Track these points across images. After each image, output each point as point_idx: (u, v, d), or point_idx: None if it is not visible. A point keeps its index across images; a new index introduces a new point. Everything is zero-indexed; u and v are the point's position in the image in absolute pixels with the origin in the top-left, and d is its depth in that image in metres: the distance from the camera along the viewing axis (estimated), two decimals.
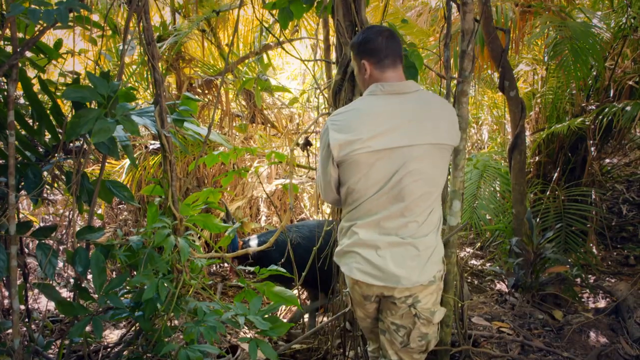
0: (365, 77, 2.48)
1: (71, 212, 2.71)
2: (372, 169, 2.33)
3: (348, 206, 2.49)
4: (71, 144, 2.81)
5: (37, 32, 2.53)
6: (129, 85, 5.53)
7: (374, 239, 2.38)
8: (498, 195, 6.19)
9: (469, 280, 5.45)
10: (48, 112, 2.72)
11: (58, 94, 2.99)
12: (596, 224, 5.99)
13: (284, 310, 4.95)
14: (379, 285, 2.39)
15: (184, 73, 6.43)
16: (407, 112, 2.35)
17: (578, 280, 5.05)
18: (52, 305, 4.22)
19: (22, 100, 3.04)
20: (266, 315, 2.65)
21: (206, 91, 6.44)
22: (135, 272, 2.69)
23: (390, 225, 2.37)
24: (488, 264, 5.99)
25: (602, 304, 4.77)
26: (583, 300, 4.87)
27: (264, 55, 6.34)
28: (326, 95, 3.32)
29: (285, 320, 2.77)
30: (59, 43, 2.93)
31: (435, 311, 2.50)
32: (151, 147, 6.12)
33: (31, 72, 2.90)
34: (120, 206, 7.13)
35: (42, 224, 6.15)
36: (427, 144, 2.34)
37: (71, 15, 2.47)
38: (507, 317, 4.27)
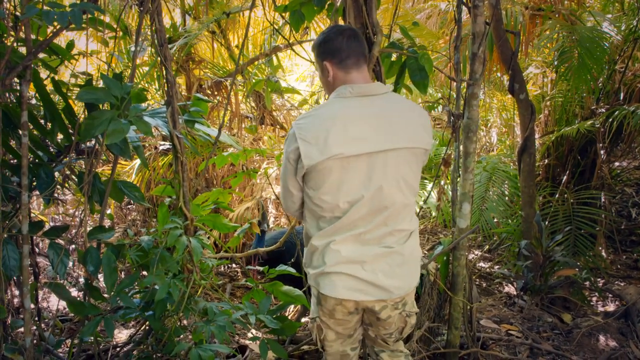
0: (328, 80, 2.33)
1: (82, 212, 2.72)
2: (347, 177, 2.17)
3: (318, 222, 2.29)
4: (83, 145, 2.83)
5: (51, 34, 2.55)
6: (140, 86, 5.57)
7: (359, 253, 2.23)
8: (507, 198, 6.17)
9: (477, 283, 5.45)
10: (60, 112, 2.74)
11: (70, 94, 3.02)
12: (605, 227, 5.96)
13: (292, 311, 4.96)
14: (371, 300, 2.28)
15: (193, 74, 6.45)
16: (379, 116, 2.21)
17: (587, 283, 5.03)
18: (62, 304, 4.24)
19: (34, 101, 3.07)
20: (275, 315, 2.67)
21: (216, 92, 6.46)
22: (144, 272, 2.71)
23: (373, 236, 2.24)
24: (497, 267, 5.98)
25: (611, 307, 4.75)
26: (592, 303, 4.86)
27: (274, 57, 6.35)
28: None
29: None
30: (71, 44, 2.95)
31: (413, 301, 2.48)
32: (161, 148, 6.15)
33: (43, 73, 2.92)
34: (129, 206, 7.16)
35: (51, 224, 6.19)
36: (403, 147, 2.21)
37: (84, 17, 2.49)
38: (515, 320, 4.26)
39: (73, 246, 3.07)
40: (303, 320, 4.50)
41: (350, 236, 2.23)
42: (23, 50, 2.54)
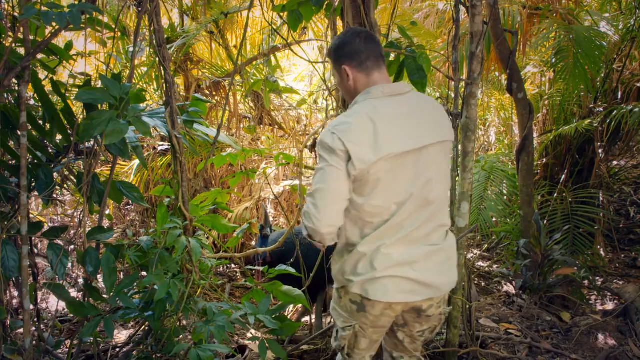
0: (349, 84, 2.29)
1: (82, 213, 2.73)
2: (396, 178, 2.13)
3: (363, 229, 2.20)
4: (82, 145, 2.84)
5: (49, 35, 2.55)
6: (139, 87, 5.56)
7: (408, 254, 2.18)
8: (505, 197, 6.18)
9: (476, 282, 5.45)
10: (59, 113, 2.74)
11: (69, 95, 3.02)
12: (604, 226, 5.97)
13: (291, 310, 4.97)
14: (422, 300, 2.24)
15: (192, 75, 6.46)
16: (411, 114, 2.20)
17: (586, 282, 5.04)
18: (61, 305, 4.24)
19: (32, 102, 3.07)
20: (275, 315, 2.67)
21: (214, 93, 6.47)
22: (144, 272, 2.71)
23: (420, 234, 2.21)
24: (495, 266, 5.99)
25: (610, 306, 4.76)
26: (591, 302, 4.87)
27: (272, 57, 6.35)
28: (334, 97, 3.32)
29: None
30: (69, 45, 2.96)
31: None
32: (159, 148, 6.15)
33: (42, 74, 2.92)
34: (128, 207, 7.16)
35: (50, 225, 6.19)
36: (437, 142, 2.22)
37: (83, 17, 2.49)
38: (514, 319, 4.26)
39: (72, 247, 3.07)
40: (304, 320, 4.51)
41: (400, 238, 2.17)
42: (22, 51, 2.54)
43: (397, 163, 2.11)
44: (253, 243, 6.02)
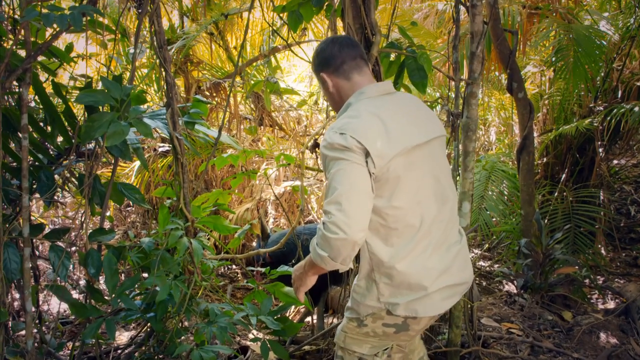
0: (331, 92, 2.22)
1: (83, 215, 2.73)
2: (414, 174, 2.03)
3: (388, 238, 2.04)
4: (83, 147, 2.84)
5: (50, 37, 2.55)
6: (140, 88, 5.57)
7: (445, 261, 2.11)
8: (506, 196, 6.19)
9: (477, 282, 5.45)
10: (60, 115, 2.75)
11: (69, 97, 3.02)
12: (604, 225, 5.98)
13: (292, 311, 4.97)
14: (458, 299, 2.20)
15: (192, 76, 6.46)
16: (409, 110, 2.16)
17: (587, 281, 5.04)
18: (62, 307, 4.24)
19: (33, 104, 3.07)
20: (277, 316, 2.68)
21: (214, 94, 6.48)
22: (145, 274, 2.71)
23: (446, 235, 2.15)
24: (497, 265, 5.99)
25: (611, 304, 4.76)
26: (592, 301, 4.87)
27: (272, 58, 6.36)
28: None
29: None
30: (70, 47, 2.96)
31: None
32: (160, 149, 6.15)
33: (43, 76, 2.93)
34: (129, 208, 7.17)
35: (51, 227, 6.19)
36: (438, 136, 2.19)
37: (83, 19, 2.49)
38: (516, 318, 4.26)
39: (74, 249, 3.08)
40: (305, 320, 4.51)
41: (432, 245, 2.08)
42: (22, 53, 2.54)
43: (410, 159, 2.02)
44: (254, 244, 6.03)
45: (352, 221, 1.83)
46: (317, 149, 3.74)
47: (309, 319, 4.49)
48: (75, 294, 4.78)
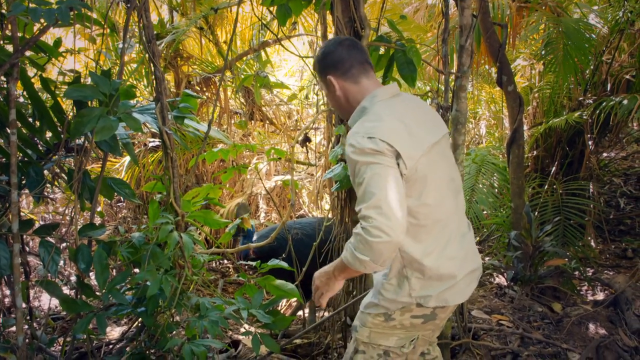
0: (338, 96, 2.22)
1: (73, 210, 2.72)
2: (437, 171, 2.11)
3: (417, 235, 2.09)
4: (72, 142, 2.83)
5: (38, 31, 2.54)
6: (129, 83, 5.55)
7: (463, 249, 2.20)
8: (496, 189, 6.21)
9: None
10: (49, 110, 2.73)
11: (58, 92, 3.00)
12: (594, 217, 6.02)
13: (284, 305, 4.98)
14: (477, 283, 2.31)
15: (182, 71, 6.44)
16: (418, 109, 2.21)
17: (576, 273, 5.08)
18: (53, 303, 4.23)
19: (22, 99, 3.05)
20: (268, 309, 2.68)
21: (204, 89, 6.46)
22: (136, 269, 2.71)
23: (461, 225, 2.25)
24: (487, 258, 6.02)
25: (600, 296, 4.80)
26: (582, 292, 4.90)
27: (262, 52, 6.35)
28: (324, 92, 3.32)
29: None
30: (58, 42, 2.94)
31: None
32: (150, 144, 6.14)
33: (31, 71, 2.91)
34: (119, 204, 7.15)
35: (41, 223, 6.17)
36: (445, 134, 2.26)
37: (71, 13, 2.48)
38: (506, 310, 4.29)
39: (64, 244, 3.07)
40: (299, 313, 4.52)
41: (452, 235, 2.16)
42: (10, 48, 2.52)
43: (430, 157, 2.07)
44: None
45: (394, 224, 1.84)
46: (307, 143, 3.75)
47: (300, 312, 4.50)
48: (66, 290, 4.77)
